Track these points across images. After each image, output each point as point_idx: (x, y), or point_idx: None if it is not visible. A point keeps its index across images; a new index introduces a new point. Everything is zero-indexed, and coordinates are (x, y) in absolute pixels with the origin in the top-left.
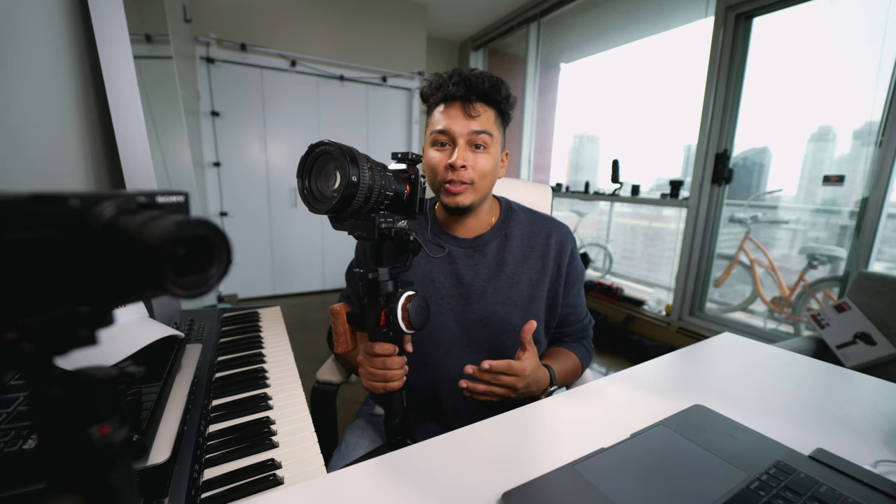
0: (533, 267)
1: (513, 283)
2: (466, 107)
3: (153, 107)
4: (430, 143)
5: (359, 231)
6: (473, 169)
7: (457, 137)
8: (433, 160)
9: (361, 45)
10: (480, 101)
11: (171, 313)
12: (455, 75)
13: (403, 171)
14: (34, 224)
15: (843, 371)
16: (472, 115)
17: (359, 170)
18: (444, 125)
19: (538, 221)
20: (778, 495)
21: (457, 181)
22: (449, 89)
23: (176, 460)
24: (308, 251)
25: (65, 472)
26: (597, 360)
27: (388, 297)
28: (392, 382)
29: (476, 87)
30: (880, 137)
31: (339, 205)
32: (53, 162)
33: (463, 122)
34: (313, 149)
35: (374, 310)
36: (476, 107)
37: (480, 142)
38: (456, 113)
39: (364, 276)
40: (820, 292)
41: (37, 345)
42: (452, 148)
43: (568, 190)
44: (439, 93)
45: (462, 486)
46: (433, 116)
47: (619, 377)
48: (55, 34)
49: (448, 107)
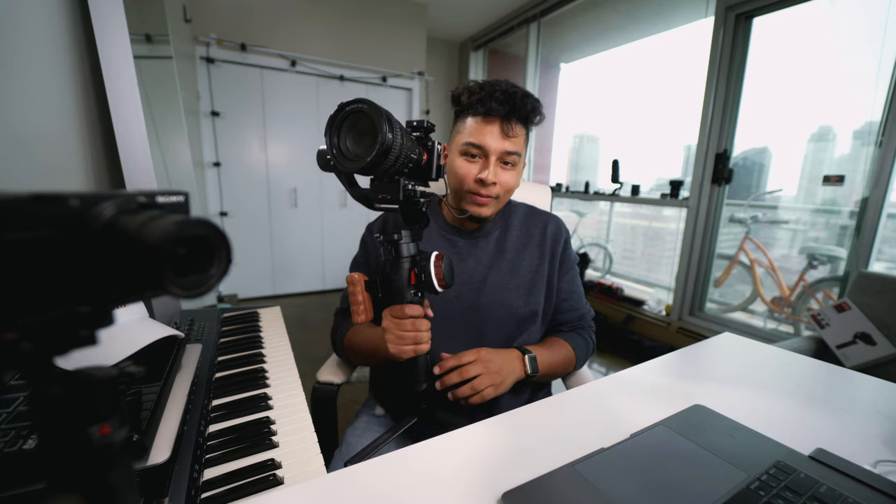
0: (532, 254)
1: (514, 268)
2: (505, 126)
3: (153, 107)
4: (461, 152)
5: (384, 194)
6: (501, 185)
7: (490, 154)
8: (462, 169)
9: (361, 45)
10: (519, 123)
11: (171, 313)
12: (499, 92)
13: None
14: (34, 224)
15: (843, 371)
16: (510, 135)
17: (392, 130)
18: (480, 140)
19: (534, 213)
20: (778, 495)
21: (485, 195)
22: (492, 106)
23: (176, 460)
24: (308, 251)
25: (65, 472)
26: (597, 360)
27: (418, 258)
28: (422, 344)
29: (519, 109)
30: (880, 137)
31: (372, 163)
32: (53, 162)
33: (500, 140)
34: (343, 107)
35: (399, 273)
36: (515, 128)
37: (511, 160)
38: (493, 129)
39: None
40: (820, 292)
41: (37, 345)
42: (483, 161)
43: (568, 190)
44: (481, 106)
45: (462, 486)
46: (466, 125)
47: (619, 377)
48: (55, 34)
49: (487, 121)
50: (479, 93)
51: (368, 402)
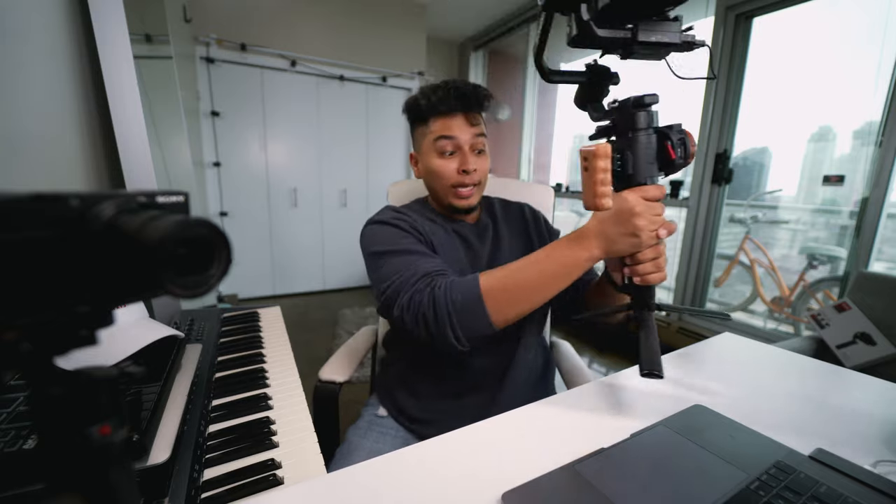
0: (519, 239)
1: (511, 254)
2: (468, 116)
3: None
4: (436, 151)
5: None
6: (480, 171)
7: (463, 144)
8: (442, 168)
9: (361, 45)
10: (477, 111)
11: (171, 313)
12: (453, 89)
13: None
14: (34, 224)
15: (843, 371)
16: (475, 122)
17: None
18: (451, 132)
19: (508, 204)
20: (778, 495)
21: (469, 184)
22: (452, 103)
23: (176, 460)
24: (308, 251)
25: (65, 472)
26: (597, 360)
27: (666, 129)
28: (666, 228)
29: (475, 100)
30: (880, 137)
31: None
32: (53, 162)
33: (468, 129)
34: None
35: (650, 146)
36: (476, 116)
37: (481, 146)
38: (459, 122)
39: (639, 101)
40: (820, 292)
41: (37, 345)
42: (459, 153)
43: (568, 190)
44: (442, 105)
45: (462, 486)
46: (431, 126)
47: (619, 377)
48: (55, 34)
49: (451, 117)
50: (436, 94)
51: (371, 402)
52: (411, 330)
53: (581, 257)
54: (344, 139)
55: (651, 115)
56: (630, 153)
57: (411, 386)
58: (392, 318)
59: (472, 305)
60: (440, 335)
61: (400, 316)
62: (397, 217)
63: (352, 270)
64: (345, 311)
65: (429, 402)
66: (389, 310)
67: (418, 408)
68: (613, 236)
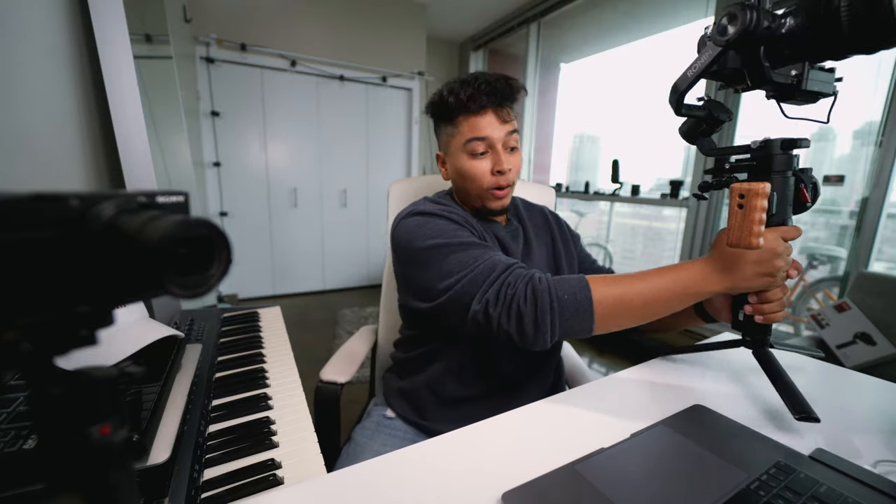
0: (543, 241)
1: (539, 257)
2: (499, 112)
3: (153, 107)
4: (468, 154)
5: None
6: (514, 170)
7: (495, 143)
8: (475, 169)
9: (361, 45)
10: (508, 106)
11: (171, 313)
12: (483, 84)
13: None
14: (34, 224)
15: (843, 371)
16: (507, 119)
17: None
18: (485, 132)
19: (529, 205)
20: (778, 495)
21: (505, 185)
22: (483, 100)
23: (176, 460)
24: (308, 251)
25: (65, 472)
26: (597, 360)
27: (801, 171)
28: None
29: (506, 94)
30: (880, 137)
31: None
32: (53, 162)
33: (500, 127)
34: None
35: (789, 189)
36: (508, 111)
37: (514, 142)
38: (491, 120)
39: (790, 141)
40: (820, 292)
41: (37, 345)
42: (492, 153)
43: (568, 190)
44: (473, 103)
45: (462, 486)
46: (460, 125)
47: (619, 377)
48: (55, 34)
49: (481, 115)
50: (465, 90)
51: (378, 403)
52: (496, 326)
53: (706, 289)
54: (344, 139)
55: (795, 159)
56: (775, 193)
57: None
58: (466, 314)
59: (581, 307)
60: (538, 332)
61: (482, 310)
62: (445, 209)
63: (352, 270)
64: (345, 311)
65: (454, 406)
66: (464, 306)
67: (440, 410)
68: (749, 274)
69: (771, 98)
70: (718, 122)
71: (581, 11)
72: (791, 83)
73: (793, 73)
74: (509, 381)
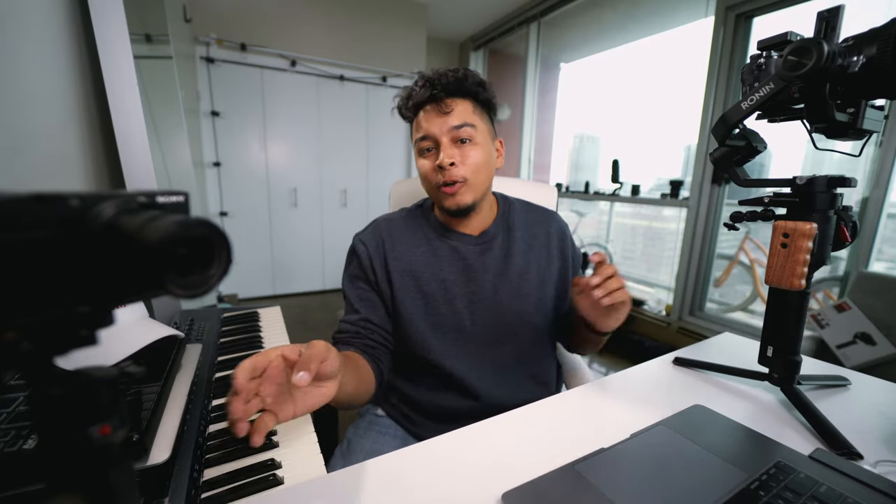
0: (539, 255)
1: (523, 273)
2: (438, 105)
3: (153, 107)
4: (418, 154)
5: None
6: (463, 164)
7: (438, 137)
8: (423, 168)
9: (361, 45)
10: (450, 96)
11: (171, 313)
12: (420, 81)
13: None
14: (34, 224)
15: (842, 371)
16: (445, 111)
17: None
18: (424, 130)
19: (534, 211)
20: (778, 495)
21: (449, 181)
22: (418, 94)
23: (176, 460)
24: (308, 251)
25: (65, 472)
26: (597, 360)
27: (842, 210)
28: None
29: (439, 84)
30: (880, 137)
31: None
32: (53, 162)
33: (439, 120)
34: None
35: (831, 228)
36: (447, 102)
37: (464, 136)
38: (429, 115)
39: (827, 182)
40: (820, 292)
41: (37, 345)
42: (438, 151)
43: (568, 190)
44: (410, 102)
45: (462, 486)
46: (413, 127)
47: (619, 377)
48: (55, 34)
49: (424, 112)
50: (405, 93)
51: (372, 402)
52: None
53: None
54: (344, 139)
55: (839, 197)
56: (818, 233)
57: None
58: None
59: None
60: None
61: None
62: (359, 251)
63: None
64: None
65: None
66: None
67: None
68: None
69: (817, 132)
70: (756, 151)
71: (581, 11)
72: (847, 121)
73: (849, 110)
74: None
